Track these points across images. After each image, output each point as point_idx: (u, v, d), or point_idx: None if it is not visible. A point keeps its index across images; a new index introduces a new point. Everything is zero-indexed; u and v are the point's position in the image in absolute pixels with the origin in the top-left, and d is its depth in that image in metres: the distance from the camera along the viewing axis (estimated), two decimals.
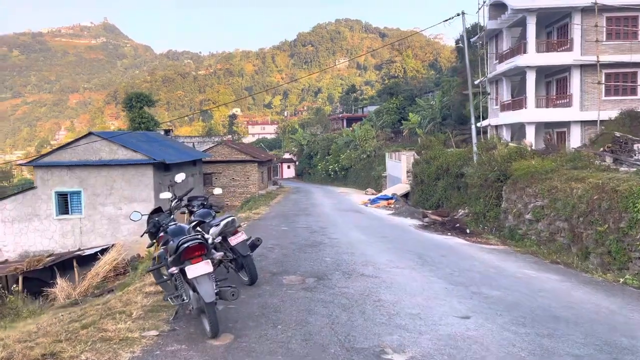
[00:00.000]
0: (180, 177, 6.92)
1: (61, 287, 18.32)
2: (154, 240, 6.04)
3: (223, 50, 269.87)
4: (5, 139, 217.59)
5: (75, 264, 20.47)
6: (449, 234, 14.92)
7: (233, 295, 4.84)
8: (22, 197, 22.73)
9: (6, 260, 22.91)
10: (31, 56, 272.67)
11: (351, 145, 54.24)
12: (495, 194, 16.87)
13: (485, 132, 37.53)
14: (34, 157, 23.21)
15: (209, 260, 4.88)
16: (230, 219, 6.95)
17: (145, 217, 6.27)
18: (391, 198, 26.26)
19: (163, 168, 23.71)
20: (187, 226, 5.86)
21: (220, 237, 6.92)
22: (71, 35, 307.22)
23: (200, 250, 4.90)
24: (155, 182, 22.60)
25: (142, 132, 29.71)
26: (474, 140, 20.22)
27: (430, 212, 18.72)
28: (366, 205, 25.72)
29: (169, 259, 5.04)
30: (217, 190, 8.54)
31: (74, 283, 19.28)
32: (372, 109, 73.65)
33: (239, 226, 7.26)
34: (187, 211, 8.17)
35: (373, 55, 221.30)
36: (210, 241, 7.06)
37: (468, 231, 15.26)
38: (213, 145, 38.74)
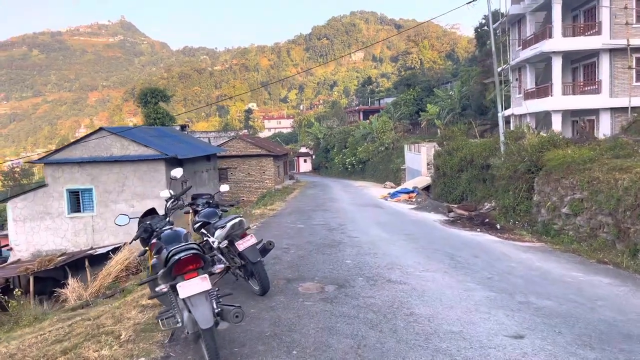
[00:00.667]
0: (177, 172, 5.99)
1: (72, 287, 17.68)
2: (147, 248, 5.13)
3: (238, 46, 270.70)
4: (27, 137, 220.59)
5: (87, 263, 19.83)
6: (478, 230, 13.87)
7: (237, 316, 3.92)
8: (33, 195, 22.17)
9: (19, 259, 22.41)
10: (51, 55, 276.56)
11: (368, 137, 53.14)
12: (525, 186, 15.78)
13: (507, 122, 36.26)
14: (45, 155, 22.64)
15: (206, 276, 3.96)
16: (237, 220, 6.05)
17: (136, 221, 5.37)
18: (412, 191, 25.20)
19: (176, 163, 22.92)
20: (184, 231, 4.94)
21: (226, 241, 6.03)
22: (89, 33, 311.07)
23: (195, 263, 3.98)
24: (167, 178, 21.84)
25: (155, 127, 29.00)
26: (501, 129, 19.06)
27: (455, 206, 17.65)
28: (386, 200, 24.69)
29: (159, 272, 4.13)
30: (224, 187, 7.62)
31: (86, 283, 18.66)
32: (388, 100, 72.49)
33: (248, 228, 6.36)
34: (191, 211, 7.29)
35: (389, 47, 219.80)
36: (215, 245, 6.18)
37: (498, 227, 14.19)
38: (228, 139, 37.94)
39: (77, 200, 21.99)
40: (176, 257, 3.90)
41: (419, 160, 35.21)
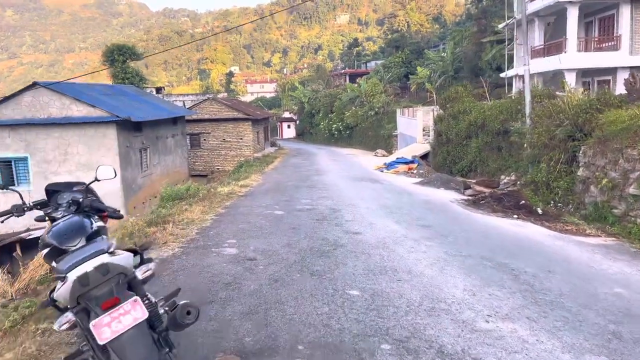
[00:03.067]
0: None
1: None
2: None
3: (220, 8, 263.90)
4: None
5: (17, 250, 16.15)
6: (515, 216, 10.42)
7: None
8: None
9: None
10: (25, 15, 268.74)
11: (357, 101, 49.30)
12: (564, 156, 12.38)
13: (510, 84, 33.30)
14: None
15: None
16: (93, 265, 2.43)
17: None
18: (412, 162, 21.71)
19: (132, 128, 19.12)
20: None
21: (71, 316, 2.42)
22: None
23: None
24: (120, 145, 18.03)
25: (109, 84, 24.74)
26: (527, 85, 15.47)
27: (473, 181, 14.19)
28: (382, 171, 21.14)
29: None
30: (104, 172, 3.74)
31: (15, 274, 15.03)
32: (376, 63, 68.87)
33: (133, 277, 2.71)
34: (47, 221, 3.61)
35: (375, 10, 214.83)
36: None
37: (540, 211, 10.77)
38: (199, 101, 33.67)
39: (9, 172, 18.11)
40: None
41: (414, 125, 31.90)
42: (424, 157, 26.91)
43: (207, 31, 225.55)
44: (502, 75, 33.31)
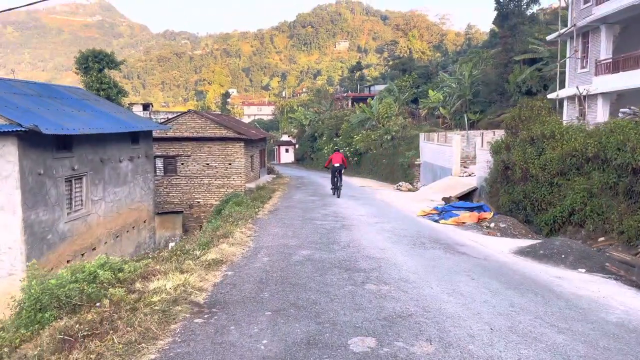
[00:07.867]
0: None
1: None
2: None
3: (221, 31, 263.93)
4: None
5: None
6: None
7: None
8: None
9: None
10: (25, 33, 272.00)
11: (368, 124, 42.83)
12: None
13: (560, 106, 27.52)
14: None
15: None
16: None
17: None
18: (480, 207, 14.68)
19: (54, 145, 12.22)
20: None
21: None
22: (66, 12, 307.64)
23: None
24: (25, 171, 11.09)
25: (38, 82, 17.49)
26: None
27: None
28: (435, 220, 14.08)
29: None
30: None
31: None
32: (379, 88, 63.79)
33: None
34: None
35: (374, 38, 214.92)
36: None
37: None
38: (177, 115, 26.49)
39: None
40: None
41: (447, 154, 25.49)
42: (467, 195, 20.48)
43: (207, 53, 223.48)
44: (551, 96, 27.21)
